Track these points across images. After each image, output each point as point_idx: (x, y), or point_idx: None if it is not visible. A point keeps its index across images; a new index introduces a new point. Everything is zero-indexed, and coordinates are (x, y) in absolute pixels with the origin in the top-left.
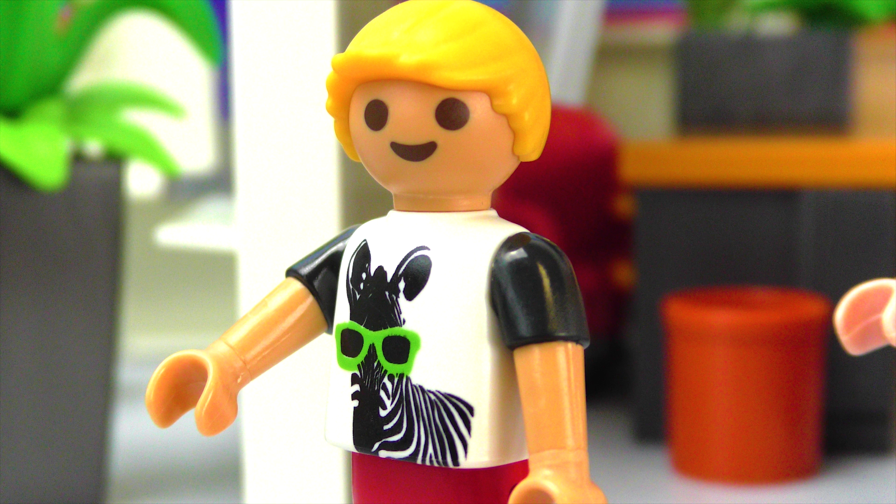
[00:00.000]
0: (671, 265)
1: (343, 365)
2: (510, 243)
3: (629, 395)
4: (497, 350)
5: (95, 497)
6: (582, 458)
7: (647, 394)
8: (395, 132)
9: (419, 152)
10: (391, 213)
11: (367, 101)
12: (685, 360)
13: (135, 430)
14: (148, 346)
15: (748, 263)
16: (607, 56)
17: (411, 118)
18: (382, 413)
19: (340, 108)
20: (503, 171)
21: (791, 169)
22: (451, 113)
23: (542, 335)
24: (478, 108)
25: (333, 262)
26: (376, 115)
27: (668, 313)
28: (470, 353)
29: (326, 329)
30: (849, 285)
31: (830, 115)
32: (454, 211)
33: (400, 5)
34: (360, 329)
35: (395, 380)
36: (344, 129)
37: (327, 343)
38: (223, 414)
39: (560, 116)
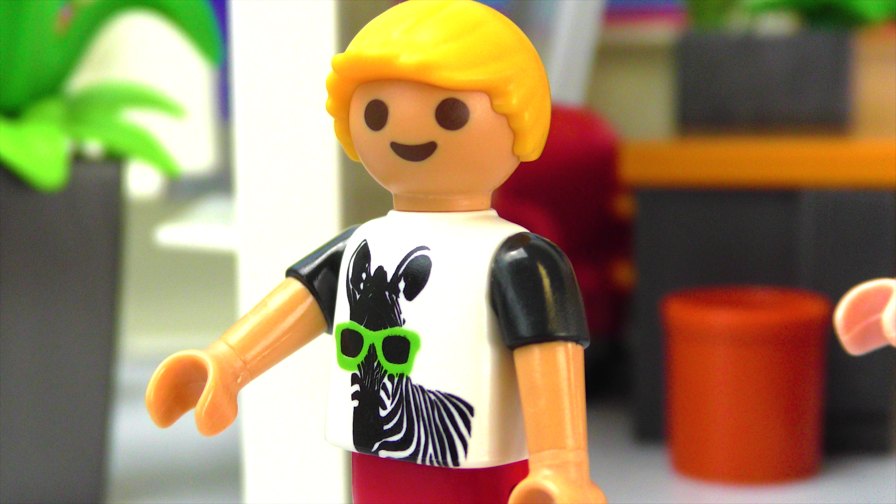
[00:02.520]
0: (671, 265)
1: (343, 365)
2: (510, 243)
3: (629, 395)
4: (497, 350)
5: (95, 497)
6: (582, 458)
7: (647, 394)
8: (395, 132)
9: (419, 152)
10: (391, 213)
11: (367, 101)
12: (685, 360)
13: (135, 430)
14: (148, 346)
15: (748, 263)
16: (607, 56)
17: (411, 118)
18: (382, 413)
19: (340, 108)
20: (503, 171)
21: (791, 169)
22: (451, 113)
23: (542, 335)
24: (478, 108)
25: (333, 262)
26: (376, 115)
27: (668, 313)
28: (470, 353)
29: (326, 329)
30: (849, 285)
31: (830, 115)
32: (454, 211)
33: (400, 5)
34: (360, 329)
35: (395, 380)
36: (344, 129)
37: (327, 343)
38: (223, 414)
39: (560, 116)
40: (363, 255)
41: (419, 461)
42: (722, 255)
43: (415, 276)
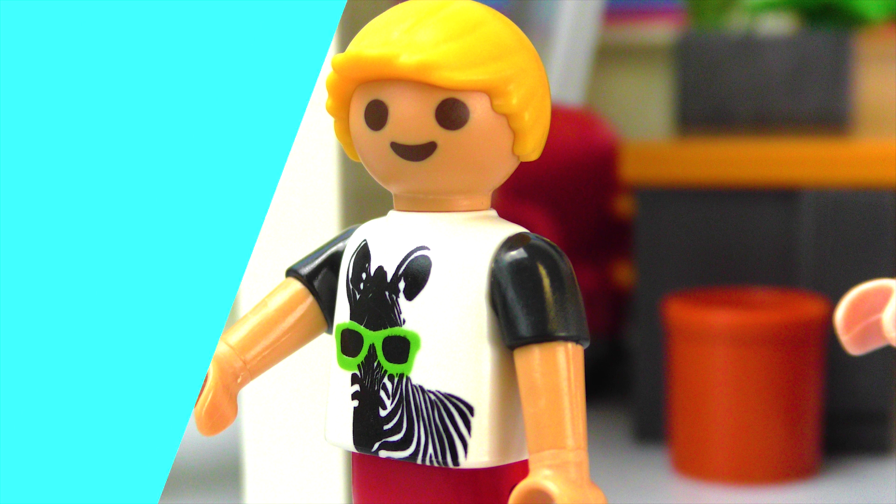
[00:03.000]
0: (671, 265)
1: (343, 365)
2: (510, 243)
3: (629, 395)
4: (497, 350)
5: None
6: (582, 458)
7: (647, 394)
8: (395, 132)
9: (419, 152)
10: (391, 213)
11: (366, 101)
12: (685, 360)
13: None
14: None
15: (748, 263)
16: (607, 56)
17: (411, 118)
18: (382, 413)
19: (340, 108)
20: (503, 171)
21: (791, 169)
22: (451, 113)
23: (542, 335)
24: (478, 108)
25: (333, 262)
26: (376, 115)
27: (668, 313)
28: (470, 353)
29: (326, 329)
30: (849, 285)
31: (830, 115)
32: (454, 211)
33: (400, 5)
34: (360, 329)
35: (395, 380)
36: (344, 129)
37: (327, 343)
38: (223, 414)
39: (560, 116)
40: (363, 255)
41: (419, 461)
42: (722, 255)
43: (415, 276)
